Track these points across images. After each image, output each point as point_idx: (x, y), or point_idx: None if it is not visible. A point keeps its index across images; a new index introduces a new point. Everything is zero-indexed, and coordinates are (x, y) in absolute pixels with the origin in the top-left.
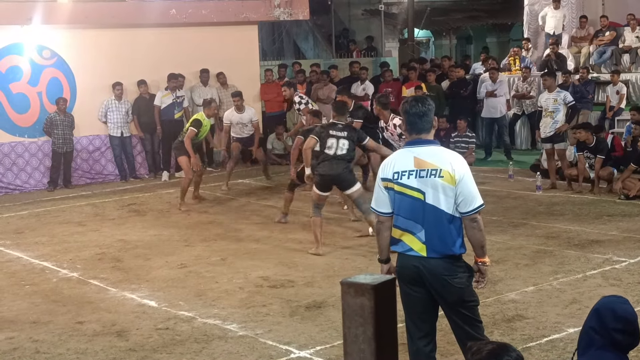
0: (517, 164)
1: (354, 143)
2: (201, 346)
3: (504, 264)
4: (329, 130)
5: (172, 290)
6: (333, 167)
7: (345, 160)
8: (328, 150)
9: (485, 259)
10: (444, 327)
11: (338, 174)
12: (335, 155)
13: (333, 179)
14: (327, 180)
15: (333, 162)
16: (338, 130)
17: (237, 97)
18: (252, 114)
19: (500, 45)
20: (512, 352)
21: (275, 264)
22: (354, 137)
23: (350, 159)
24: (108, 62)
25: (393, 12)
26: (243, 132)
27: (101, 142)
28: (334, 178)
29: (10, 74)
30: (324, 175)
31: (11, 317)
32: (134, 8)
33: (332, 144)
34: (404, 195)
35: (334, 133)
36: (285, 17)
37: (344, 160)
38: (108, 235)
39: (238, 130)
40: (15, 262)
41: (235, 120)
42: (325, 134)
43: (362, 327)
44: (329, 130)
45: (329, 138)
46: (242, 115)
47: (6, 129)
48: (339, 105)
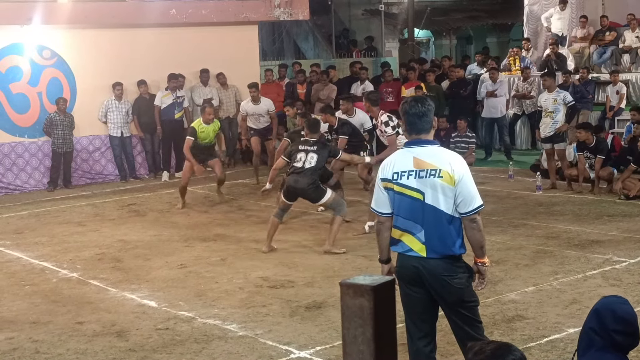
0: (517, 164)
1: (324, 157)
2: (201, 346)
3: (504, 264)
4: (298, 145)
5: (172, 291)
6: (298, 180)
7: (312, 174)
8: (296, 163)
9: (485, 260)
10: (444, 327)
11: (302, 189)
12: (302, 169)
13: (298, 193)
14: (292, 192)
15: (300, 175)
16: (308, 145)
17: (253, 89)
18: (269, 105)
19: (500, 45)
20: (516, 352)
21: (275, 264)
22: (324, 153)
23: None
24: (108, 62)
25: (393, 12)
26: (259, 123)
27: (101, 142)
28: (299, 192)
29: (10, 74)
30: (289, 187)
31: (11, 317)
32: (134, 8)
33: (301, 157)
34: (404, 196)
35: (303, 148)
36: (285, 17)
37: (311, 175)
38: (108, 236)
39: (254, 120)
40: (15, 262)
41: (251, 111)
42: (295, 150)
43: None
44: (298, 145)
45: (298, 152)
46: (257, 107)
47: (6, 129)
48: (312, 123)
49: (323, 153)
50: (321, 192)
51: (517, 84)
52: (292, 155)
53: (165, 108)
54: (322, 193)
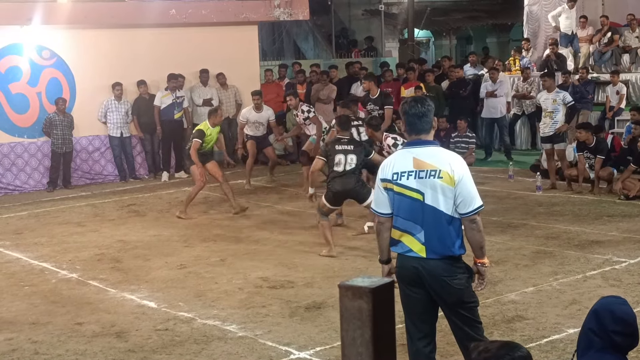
0: (517, 164)
1: (361, 157)
2: (201, 347)
3: (504, 264)
4: (334, 146)
5: (171, 291)
6: (345, 182)
7: (355, 174)
8: (337, 167)
9: (485, 260)
10: (444, 327)
11: (352, 189)
12: (345, 171)
13: (347, 194)
14: (340, 196)
15: (344, 178)
16: (344, 144)
17: (257, 96)
18: (270, 114)
19: (500, 45)
20: (522, 349)
21: (274, 265)
22: (361, 152)
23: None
24: (108, 63)
25: (393, 12)
26: (258, 131)
27: (101, 142)
28: (347, 194)
29: (10, 74)
30: (337, 192)
31: (10, 318)
32: (133, 8)
33: (340, 160)
34: (403, 196)
35: (340, 148)
36: (285, 17)
37: (354, 174)
38: (107, 236)
39: (253, 128)
40: (14, 262)
41: (253, 119)
42: (332, 151)
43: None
44: (334, 146)
45: (337, 154)
46: (260, 115)
47: (5, 129)
48: (342, 120)
49: (360, 152)
50: (368, 191)
51: (517, 84)
52: (329, 157)
53: (164, 108)
54: (369, 192)
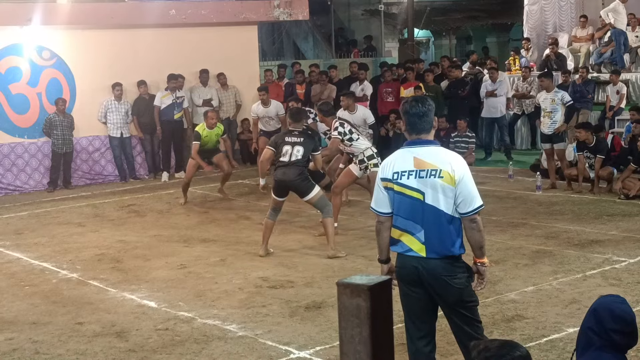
0: (517, 163)
1: (309, 149)
2: (201, 347)
3: (504, 264)
4: (284, 137)
5: (171, 291)
6: (286, 173)
7: (299, 166)
8: (283, 157)
9: (484, 260)
10: (444, 327)
11: (291, 181)
12: (289, 162)
13: (287, 185)
14: (281, 186)
15: (287, 168)
16: (294, 136)
17: (262, 92)
18: (279, 108)
19: (500, 45)
20: (521, 348)
21: (274, 265)
22: (310, 145)
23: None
24: (107, 63)
25: (393, 12)
26: (269, 125)
27: (101, 142)
28: (287, 184)
29: (10, 74)
30: (277, 181)
31: (11, 318)
32: (133, 8)
33: (287, 151)
34: (404, 196)
35: (290, 140)
36: (284, 17)
37: (298, 166)
38: (108, 236)
39: (264, 123)
40: (15, 263)
41: (262, 114)
42: (281, 142)
43: (358, 328)
44: (284, 137)
45: (284, 145)
46: (268, 109)
47: (6, 129)
48: (293, 112)
49: (309, 145)
50: (310, 186)
51: (517, 84)
52: (277, 147)
53: (164, 108)
54: (311, 187)
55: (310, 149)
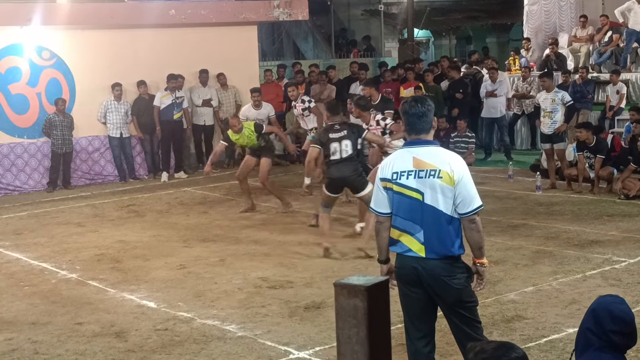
0: (517, 164)
1: (356, 140)
2: (200, 347)
3: (504, 264)
4: (327, 133)
5: (171, 291)
6: (341, 169)
7: (354, 162)
8: (333, 155)
9: (484, 260)
10: (443, 327)
11: (347, 177)
12: (342, 159)
13: (343, 182)
14: (336, 184)
15: (341, 164)
16: (336, 131)
17: (256, 93)
18: (270, 110)
19: (500, 45)
20: (518, 350)
21: (274, 265)
22: (354, 135)
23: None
24: (107, 63)
25: (393, 12)
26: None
27: (100, 142)
28: (343, 181)
29: (10, 74)
30: (332, 179)
31: (10, 318)
32: (133, 9)
33: (335, 148)
34: (403, 196)
35: (334, 136)
36: (284, 17)
37: (352, 162)
38: (107, 236)
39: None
40: (14, 263)
41: (252, 117)
42: (326, 139)
43: (356, 329)
44: (327, 133)
45: (331, 143)
46: (259, 112)
47: (5, 129)
48: (331, 105)
49: (354, 137)
50: (365, 182)
51: (517, 84)
52: (324, 145)
53: (164, 109)
54: (365, 183)
55: (357, 139)
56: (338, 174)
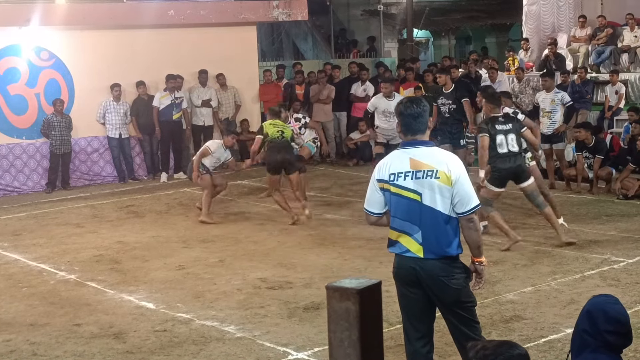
0: None
1: (519, 132)
2: (199, 348)
3: (502, 264)
4: (494, 124)
5: (170, 292)
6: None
7: (521, 155)
8: (500, 148)
9: (482, 259)
10: (442, 328)
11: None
12: (510, 152)
13: (513, 172)
14: (507, 175)
15: (511, 156)
16: (501, 123)
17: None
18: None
19: (499, 45)
20: (521, 348)
21: (273, 265)
22: (516, 129)
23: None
24: (106, 64)
25: (392, 12)
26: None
27: (99, 143)
28: (514, 171)
29: (8, 75)
30: (505, 169)
31: (8, 319)
32: (131, 9)
33: (502, 141)
34: (400, 197)
35: (500, 128)
36: (284, 17)
37: (520, 155)
38: (106, 237)
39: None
40: (12, 264)
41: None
42: (494, 131)
43: (348, 332)
44: (494, 124)
45: (497, 134)
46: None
47: (4, 130)
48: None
49: (517, 129)
50: (528, 174)
51: (513, 85)
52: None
53: (163, 109)
54: (529, 175)
55: (518, 131)
56: (511, 164)
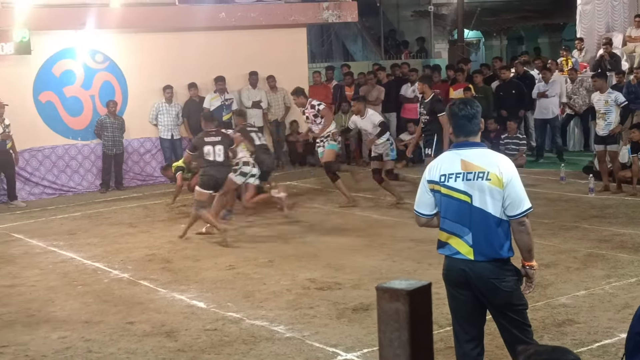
0: (569, 166)
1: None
2: (249, 347)
3: (555, 267)
4: (203, 138)
5: (220, 292)
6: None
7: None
8: (207, 156)
9: (533, 263)
10: (492, 330)
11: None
12: (214, 162)
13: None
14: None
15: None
16: (212, 136)
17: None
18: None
19: (552, 46)
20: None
21: (322, 266)
22: (226, 143)
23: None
24: (159, 66)
25: (442, 13)
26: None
27: (152, 144)
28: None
29: (64, 77)
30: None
31: (64, 316)
32: (184, 12)
33: (209, 151)
34: (451, 198)
35: (209, 140)
36: (333, 19)
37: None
38: (158, 237)
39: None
40: (68, 262)
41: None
42: (200, 143)
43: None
44: (203, 138)
45: (205, 145)
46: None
47: (60, 131)
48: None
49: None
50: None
51: (567, 86)
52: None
53: (213, 110)
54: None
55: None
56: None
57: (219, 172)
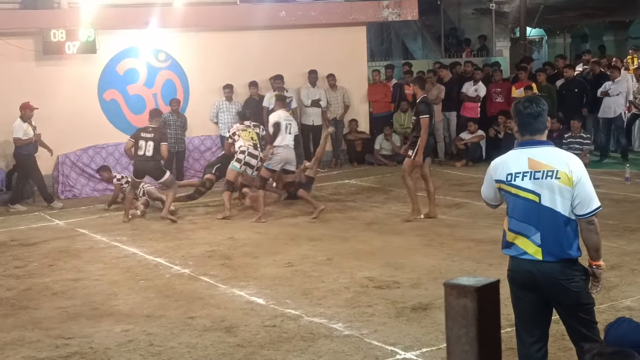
0: (634, 166)
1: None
2: (307, 344)
3: (620, 269)
4: (140, 133)
5: (279, 289)
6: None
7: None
8: (139, 150)
9: (601, 262)
10: (554, 333)
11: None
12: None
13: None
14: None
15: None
16: (147, 132)
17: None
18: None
19: (618, 43)
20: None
21: (381, 265)
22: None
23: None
24: (220, 64)
25: (504, 10)
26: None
27: (212, 142)
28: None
29: (128, 76)
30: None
31: (127, 310)
32: (244, 11)
33: (142, 145)
34: (518, 197)
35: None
36: (393, 17)
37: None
38: (218, 233)
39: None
40: (130, 257)
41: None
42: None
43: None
44: (140, 133)
45: (139, 140)
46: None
47: (124, 129)
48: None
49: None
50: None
51: (633, 84)
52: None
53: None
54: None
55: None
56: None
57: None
